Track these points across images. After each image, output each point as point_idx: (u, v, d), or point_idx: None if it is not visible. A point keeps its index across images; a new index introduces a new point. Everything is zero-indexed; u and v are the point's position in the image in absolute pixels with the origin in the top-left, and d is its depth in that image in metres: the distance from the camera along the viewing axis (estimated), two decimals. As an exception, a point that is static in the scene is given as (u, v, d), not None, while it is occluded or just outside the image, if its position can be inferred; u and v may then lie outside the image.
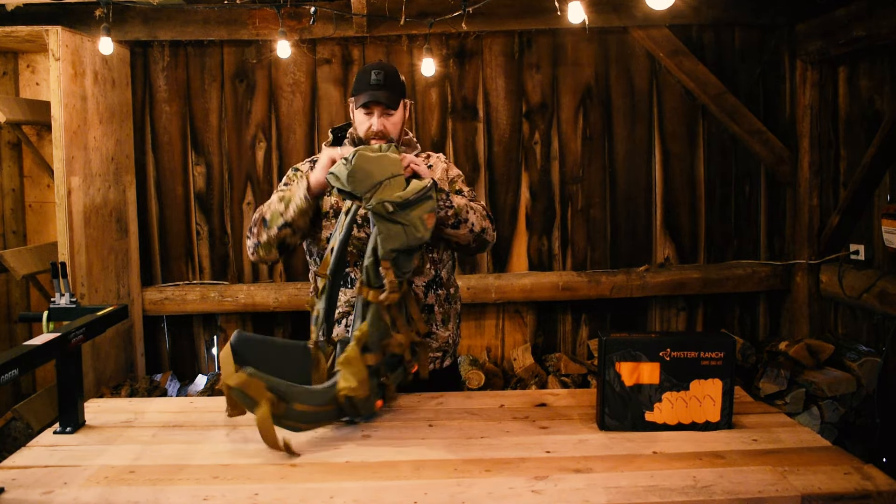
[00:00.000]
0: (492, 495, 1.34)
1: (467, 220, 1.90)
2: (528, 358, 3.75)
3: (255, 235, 1.91)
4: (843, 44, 3.32)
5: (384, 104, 1.93)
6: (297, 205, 1.83)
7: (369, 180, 1.64)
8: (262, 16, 3.62)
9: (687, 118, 3.88)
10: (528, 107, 3.87)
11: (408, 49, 3.80)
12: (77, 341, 1.65)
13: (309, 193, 1.82)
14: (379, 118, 1.95)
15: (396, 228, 1.60)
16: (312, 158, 2.10)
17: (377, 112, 1.95)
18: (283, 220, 1.85)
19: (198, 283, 3.86)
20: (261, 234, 1.89)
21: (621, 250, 3.94)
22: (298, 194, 1.83)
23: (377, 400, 1.69)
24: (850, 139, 3.62)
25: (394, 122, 1.97)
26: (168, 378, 3.75)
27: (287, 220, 1.85)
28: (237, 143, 3.84)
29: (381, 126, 1.95)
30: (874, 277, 3.30)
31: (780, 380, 3.37)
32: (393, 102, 1.94)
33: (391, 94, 1.93)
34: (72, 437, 1.65)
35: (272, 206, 1.89)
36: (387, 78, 1.94)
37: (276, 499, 1.33)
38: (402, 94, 1.98)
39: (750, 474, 1.40)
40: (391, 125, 1.97)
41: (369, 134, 1.95)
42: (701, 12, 3.67)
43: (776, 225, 3.94)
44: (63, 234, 3.11)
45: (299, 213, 1.84)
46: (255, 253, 1.94)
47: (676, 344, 1.60)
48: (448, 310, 2.06)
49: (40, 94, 3.64)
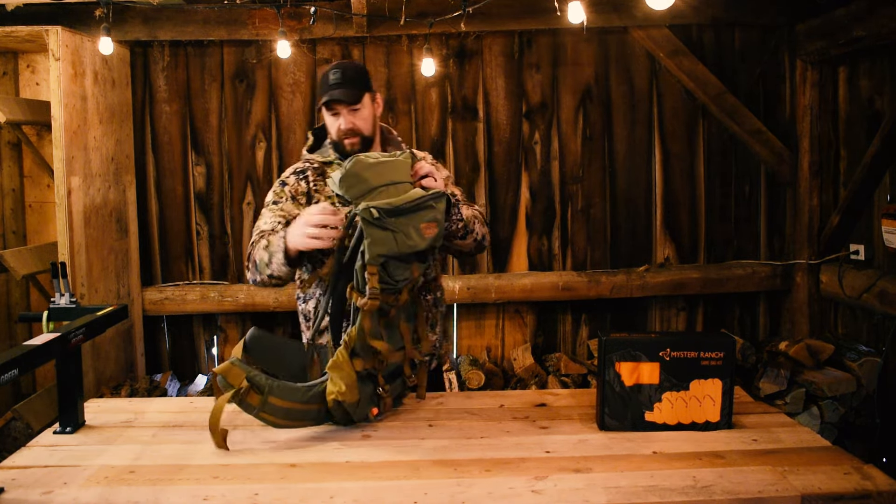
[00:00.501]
0: (492, 495, 1.34)
1: (474, 230, 1.93)
2: (528, 358, 3.75)
3: (251, 272, 1.91)
4: (843, 44, 3.32)
5: (344, 101, 1.92)
6: (278, 265, 1.80)
7: (362, 185, 1.63)
8: (262, 16, 3.62)
9: (687, 118, 3.88)
10: (528, 107, 3.87)
11: (408, 49, 3.80)
12: (77, 341, 1.65)
13: (287, 259, 1.78)
14: (346, 116, 1.94)
15: (384, 234, 1.57)
16: (296, 168, 2.06)
17: (343, 110, 1.94)
18: (269, 271, 1.84)
19: (198, 283, 3.86)
20: (256, 274, 1.89)
21: (621, 250, 3.94)
22: (277, 257, 1.79)
23: (372, 407, 1.67)
24: (850, 139, 3.62)
25: (363, 118, 1.96)
26: (168, 378, 3.75)
27: (272, 273, 1.83)
28: (237, 143, 3.84)
29: (349, 124, 1.94)
30: (874, 277, 3.30)
31: (780, 380, 3.37)
32: (353, 97, 1.92)
33: (350, 89, 1.92)
34: (72, 437, 1.65)
35: (259, 253, 1.85)
36: (345, 75, 1.93)
37: (276, 499, 1.33)
38: (364, 87, 1.96)
39: (750, 474, 1.40)
40: (360, 121, 1.95)
41: (340, 134, 1.95)
42: (701, 12, 3.67)
43: (776, 225, 3.94)
44: (63, 234, 3.11)
45: (283, 274, 1.83)
46: (255, 285, 1.96)
47: (676, 344, 1.60)
48: (435, 314, 2.06)
49: (40, 94, 3.64)
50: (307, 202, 1.97)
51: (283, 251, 1.77)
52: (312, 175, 2.00)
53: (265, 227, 1.91)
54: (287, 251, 1.76)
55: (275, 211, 1.94)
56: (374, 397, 1.67)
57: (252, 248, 1.89)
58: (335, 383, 1.58)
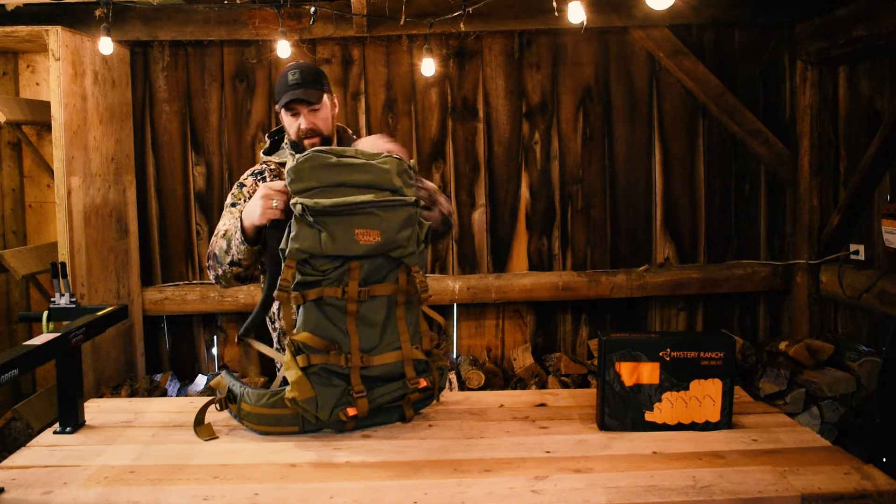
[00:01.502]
0: (492, 495, 1.34)
1: (438, 201, 1.90)
2: (528, 358, 3.75)
3: (212, 268, 1.90)
4: (843, 44, 3.32)
5: (305, 101, 1.92)
6: (237, 245, 1.79)
7: (308, 181, 1.59)
8: (262, 16, 3.62)
9: (687, 118, 3.88)
10: (528, 107, 3.87)
11: (408, 49, 3.80)
12: (77, 341, 1.65)
13: (245, 237, 1.77)
14: (307, 116, 1.94)
15: (310, 231, 1.56)
16: (254, 170, 2.06)
17: (304, 110, 1.94)
18: (229, 258, 1.83)
19: (198, 283, 3.86)
20: (216, 268, 1.88)
21: (621, 250, 3.94)
22: (236, 237, 1.78)
23: (347, 408, 1.60)
24: (850, 139, 3.62)
25: (323, 118, 1.96)
26: (168, 378, 3.75)
27: (233, 259, 1.82)
28: (237, 143, 3.84)
29: (310, 124, 1.94)
30: (874, 277, 3.30)
31: (780, 380, 3.37)
32: (314, 97, 1.93)
33: (311, 89, 1.93)
34: (72, 437, 1.65)
35: (218, 243, 1.85)
36: (304, 75, 1.93)
37: (276, 499, 1.33)
38: (323, 87, 1.97)
39: (750, 474, 1.40)
40: (320, 120, 1.96)
41: (301, 133, 1.95)
42: (701, 12, 3.67)
43: (776, 225, 3.94)
44: (63, 234, 3.11)
45: (242, 255, 1.81)
46: (217, 283, 1.93)
47: (676, 344, 1.60)
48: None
49: (40, 94, 3.64)
50: None
51: (240, 230, 1.76)
52: (269, 176, 2.03)
53: (223, 228, 1.91)
54: (244, 230, 1.75)
55: (233, 212, 1.95)
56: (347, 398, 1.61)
57: (211, 244, 1.90)
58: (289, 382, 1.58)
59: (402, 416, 1.71)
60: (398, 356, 1.66)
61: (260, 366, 3.94)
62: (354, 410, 1.61)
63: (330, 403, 1.59)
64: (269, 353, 1.75)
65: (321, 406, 1.58)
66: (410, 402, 1.71)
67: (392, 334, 1.67)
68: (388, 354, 1.65)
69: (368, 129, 3.84)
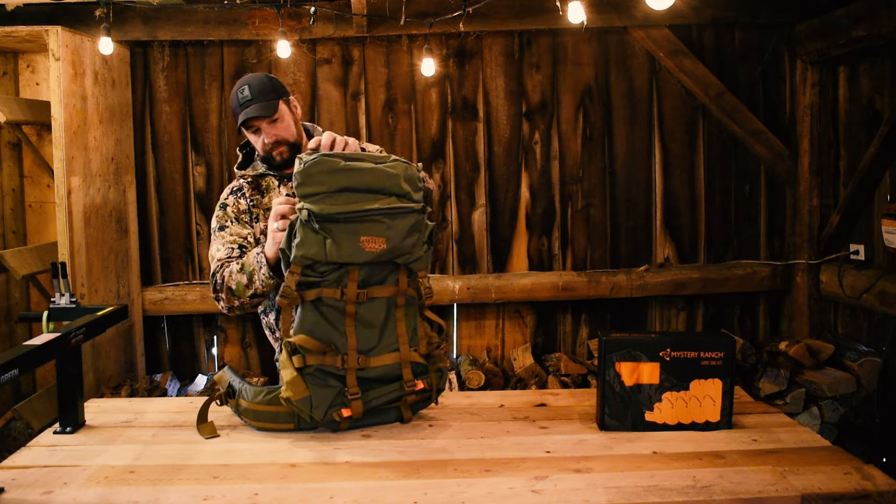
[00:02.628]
0: (492, 495, 1.34)
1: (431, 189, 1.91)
2: (528, 358, 3.75)
3: (224, 301, 1.88)
4: (843, 44, 3.32)
5: (259, 116, 1.90)
6: (263, 281, 1.79)
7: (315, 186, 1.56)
8: (262, 16, 3.62)
9: (687, 118, 3.88)
10: (528, 107, 3.87)
11: (408, 49, 3.80)
12: (77, 341, 1.65)
13: (270, 269, 1.77)
14: (267, 129, 1.92)
15: (315, 237, 1.55)
16: (232, 187, 2.03)
17: (263, 125, 1.92)
18: (251, 291, 1.82)
19: (198, 283, 3.86)
20: (231, 300, 1.87)
21: (621, 250, 3.94)
22: (261, 273, 1.78)
23: (342, 409, 1.60)
24: (850, 139, 3.62)
25: (285, 126, 1.95)
26: (168, 378, 3.75)
27: (256, 292, 1.82)
28: (237, 143, 3.83)
29: (272, 137, 1.93)
30: (874, 277, 3.31)
31: (780, 380, 3.37)
32: (268, 110, 1.90)
33: (263, 102, 1.90)
34: (72, 437, 1.65)
35: (234, 277, 1.83)
36: (252, 90, 1.90)
37: (276, 499, 1.33)
38: (277, 96, 1.94)
39: (750, 474, 1.40)
40: (282, 130, 1.94)
41: (266, 147, 1.94)
42: (701, 12, 3.67)
43: (776, 225, 3.94)
44: (63, 234, 3.11)
45: (268, 288, 1.81)
46: (230, 312, 1.93)
47: (676, 344, 1.60)
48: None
49: (40, 94, 3.64)
50: (250, 219, 1.98)
51: (266, 264, 1.76)
52: (248, 190, 2.01)
53: (220, 254, 1.91)
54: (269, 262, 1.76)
55: (224, 236, 1.94)
56: (342, 399, 1.61)
57: (220, 278, 1.87)
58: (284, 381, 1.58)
59: (400, 417, 1.71)
60: (396, 358, 1.65)
61: (261, 370, 3.94)
62: (349, 412, 1.60)
63: (324, 404, 1.59)
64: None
65: (315, 406, 1.58)
66: (408, 403, 1.71)
67: (391, 336, 1.66)
68: (386, 356, 1.65)
69: (368, 129, 3.84)
